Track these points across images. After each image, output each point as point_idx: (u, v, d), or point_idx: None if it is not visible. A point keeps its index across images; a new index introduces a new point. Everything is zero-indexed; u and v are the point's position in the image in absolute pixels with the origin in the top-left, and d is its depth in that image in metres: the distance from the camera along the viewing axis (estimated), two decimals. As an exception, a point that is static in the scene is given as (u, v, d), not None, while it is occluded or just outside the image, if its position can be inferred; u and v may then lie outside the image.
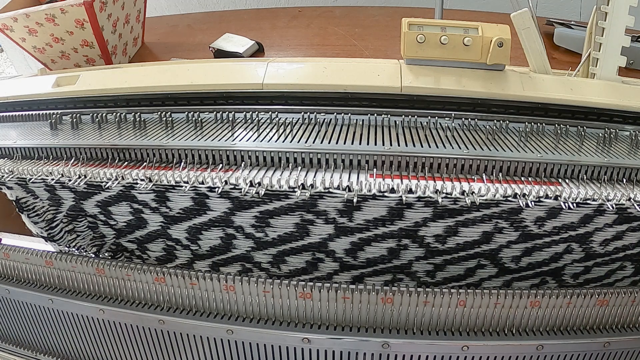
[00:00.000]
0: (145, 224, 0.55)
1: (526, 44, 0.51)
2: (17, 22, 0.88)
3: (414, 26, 0.49)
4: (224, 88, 0.54)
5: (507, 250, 0.53)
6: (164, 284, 0.48)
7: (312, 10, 1.22)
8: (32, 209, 0.60)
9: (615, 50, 0.51)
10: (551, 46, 0.89)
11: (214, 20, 1.23)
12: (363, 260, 0.54)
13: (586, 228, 0.49)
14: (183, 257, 0.58)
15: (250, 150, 0.46)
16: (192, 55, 1.04)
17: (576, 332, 0.45)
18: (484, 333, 0.45)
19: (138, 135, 0.51)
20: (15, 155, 0.54)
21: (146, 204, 0.51)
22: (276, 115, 0.51)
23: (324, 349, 0.46)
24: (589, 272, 0.55)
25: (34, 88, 0.61)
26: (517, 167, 0.44)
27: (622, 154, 0.45)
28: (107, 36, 0.94)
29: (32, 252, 0.53)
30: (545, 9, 1.17)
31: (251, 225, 0.49)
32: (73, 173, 0.47)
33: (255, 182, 0.43)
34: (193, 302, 0.48)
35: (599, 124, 0.49)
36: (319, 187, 0.41)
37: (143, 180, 0.45)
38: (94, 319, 0.52)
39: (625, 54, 0.51)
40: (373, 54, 0.98)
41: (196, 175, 0.44)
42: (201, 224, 0.52)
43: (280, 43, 1.07)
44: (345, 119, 0.51)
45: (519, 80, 0.50)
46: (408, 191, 0.41)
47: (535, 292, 0.44)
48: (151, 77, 0.58)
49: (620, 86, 0.51)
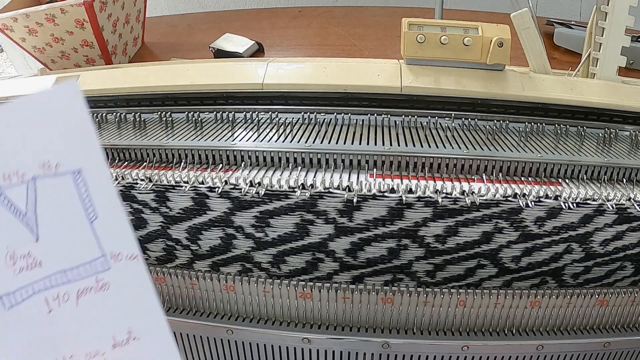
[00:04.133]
0: (145, 224, 0.55)
1: (526, 44, 0.51)
2: (17, 22, 0.88)
3: (414, 26, 0.49)
4: (224, 88, 0.54)
5: (507, 250, 0.53)
6: (164, 284, 0.48)
7: (312, 10, 1.22)
8: (32, 209, 0.60)
9: (615, 50, 0.51)
10: (551, 46, 0.89)
11: (214, 20, 1.23)
12: (363, 260, 0.54)
13: (586, 228, 0.49)
14: (183, 257, 0.58)
15: (250, 150, 0.46)
16: (192, 55, 1.03)
17: (576, 332, 0.45)
18: (484, 333, 0.45)
19: (138, 135, 0.51)
20: (15, 155, 0.54)
21: (146, 204, 0.51)
22: (276, 115, 0.51)
23: (324, 349, 0.46)
24: (589, 272, 0.55)
25: (34, 88, 0.61)
26: (517, 167, 0.44)
27: (622, 154, 0.45)
28: (107, 36, 0.94)
29: (32, 252, 0.53)
30: (545, 9, 1.17)
31: (251, 225, 0.49)
32: (73, 173, 0.47)
33: (255, 182, 0.43)
34: (193, 302, 0.48)
35: (599, 124, 0.49)
36: (319, 187, 0.41)
37: (143, 180, 0.45)
38: (94, 319, 0.52)
39: (625, 54, 0.51)
40: (373, 54, 0.98)
41: (196, 175, 0.44)
42: (201, 224, 0.52)
43: (280, 43, 1.07)
44: (345, 119, 0.51)
45: (519, 80, 0.50)
46: (408, 191, 0.42)
47: (535, 292, 0.44)
48: (151, 77, 0.58)
49: (620, 86, 0.51)
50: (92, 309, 0.30)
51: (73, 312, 0.30)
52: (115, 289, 0.30)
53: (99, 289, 0.30)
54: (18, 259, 0.29)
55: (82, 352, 0.30)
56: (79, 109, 0.29)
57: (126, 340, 0.31)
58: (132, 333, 0.31)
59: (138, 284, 0.31)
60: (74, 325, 0.30)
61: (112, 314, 0.30)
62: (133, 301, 0.31)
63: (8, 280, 0.29)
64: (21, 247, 0.29)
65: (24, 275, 0.29)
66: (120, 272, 0.30)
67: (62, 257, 0.29)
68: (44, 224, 0.29)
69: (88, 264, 0.30)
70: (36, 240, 0.29)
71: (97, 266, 0.30)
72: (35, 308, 0.29)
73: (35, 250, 0.29)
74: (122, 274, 0.30)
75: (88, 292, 0.30)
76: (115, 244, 0.30)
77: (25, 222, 0.29)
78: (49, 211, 0.29)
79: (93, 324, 0.30)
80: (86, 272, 0.30)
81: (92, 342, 0.30)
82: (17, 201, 0.29)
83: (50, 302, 0.29)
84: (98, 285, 0.30)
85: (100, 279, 0.30)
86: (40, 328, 0.30)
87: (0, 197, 0.28)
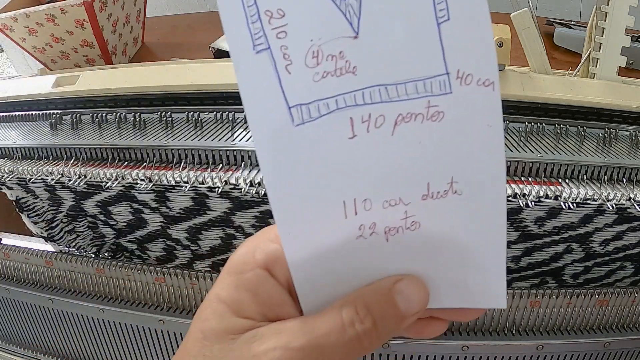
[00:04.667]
0: (145, 224, 0.55)
1: (526, 44, 0.51)
2: (17, 22, 0.88)
3: (415, 26, 0.49)
4: (224, 88, 0.54)
5: (507, 250, 0.53)
6: (164, 284, 0.48)
7: (312, 10, 1.22)
8: (32, 209, 0.60)
9: (615, 50, 0.51)
10: (551, 46, 0.89)
11: (214, 20, 1.23)
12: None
13: (586, 228, 0.49)
14: (183, 257, 0.58)
15: (250, 150, 0.46)
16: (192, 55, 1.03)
17: (576, 332, 0.45)
18: (484, 333, 0.45)
19: (138, 135, 0.51)
20: (15, 155, 0.54)
21: (146, 204, 0.51)
22: (276, 115, 0.51)
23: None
24: (589, 272, 0.55)
25: (34, 88, 0.61)
26: (517, 167, 0.44)
27: (622, 154, 0.45)
28: (107, 36, 0.94)
29: (32, 252, 0.53)
30: (545, 9, 1.17)
31: (251, 225, 0.49)
32: (73, 173, 0.47)
33: (255, 182, 0.43)
34: (193, 302, 0.48)
35: (599, 124, 0.49)
36: (319, 187, 0.41)
37: (143, 180, 0.45)
38: (94, 319, 0.52)
39: (625, 54, 0.51)
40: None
41: (196, 175, 0.44)
42: (201, 224, 0.52)
43: (280, 43, 1.07)
44: (345, 119, 0.51)
45: (519, 80, 0.50)
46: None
47: (535, 292, 0.44)
48: (151, 77, 0.58)
49: (620, 86, 0.51)
50: (410, 143, 0.22)
51: (383, 143, 0.22)
52: (450, 122, 0.22)
53: (427, 118, 0.22)
54: (324, 60, 0.21)
55: (380, 198, 0.23)
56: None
57: (444, 192, 0.23)
58: (453, 186, 0.23)
59: (484, 122, 0.22)
60: (378, 161, 0.22)
61: (435, 154, 0.22)
62: (470, 144, 0.22)
63: (305, 86, 0.21)
64: (331, 44, 0.21)
65: (328, 83, 0.21)
66: (465, 100, 0.22)
67: (386, 65, 0.21)
68: (370, 14, 0.21)
69: (421, 81, 0.21)
70: (355, 37, 0.21)
71: (433, 86, 0.21)
72: (334, 129, 0.22)
73: (352, 50, 0.21)
74: (466, 103, 0.22)
75: (411, 120, 0.22)
76: (466, 61, 0.21)
77: (343, 4, 0.21)
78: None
79: (405, 163, 0.22)
80: (415, 92, 0.21)
81: (396, 186, 0.23)
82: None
83: (356, 125, 0.22)
84: (427, 113, 0.22)
85: (433, 105, 0.22)
86: (332, 158, 0.22)
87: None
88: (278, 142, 0.22)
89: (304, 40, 0.21)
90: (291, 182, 0.23)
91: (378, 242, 0.24)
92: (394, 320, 0.24)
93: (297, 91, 0.21)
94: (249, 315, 0.25)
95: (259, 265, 0.26)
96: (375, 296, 0.24)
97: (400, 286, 0.25)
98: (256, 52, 0.21)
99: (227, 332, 0.24)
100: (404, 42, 0.21)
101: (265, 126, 0.22)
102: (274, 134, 0.22)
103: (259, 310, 0.25)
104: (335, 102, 0.22)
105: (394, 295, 0.24)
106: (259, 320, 0.25)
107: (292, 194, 0.23)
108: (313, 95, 0.21)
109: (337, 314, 0.24)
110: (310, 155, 0.22)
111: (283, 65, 0.21)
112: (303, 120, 0.22)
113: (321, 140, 0.22)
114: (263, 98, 0.21)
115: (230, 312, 0.25)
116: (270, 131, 0.22)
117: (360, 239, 0.24)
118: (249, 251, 0.26)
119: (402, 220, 0.24)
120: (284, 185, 0.23)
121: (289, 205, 0.23)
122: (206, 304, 0.26)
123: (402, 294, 0.24)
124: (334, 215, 0.23)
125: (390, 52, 0.21)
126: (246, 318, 0.25)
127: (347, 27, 0.21)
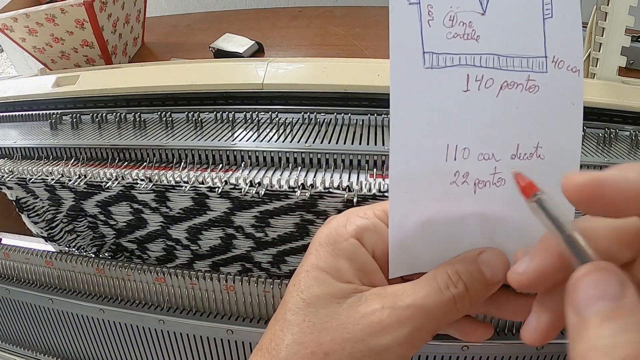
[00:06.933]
0: (145, 224, 0.55)
1: (526, 44, 0.51)
2: (17, 22, 0.88)
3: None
4: (224, 88, 0.54)
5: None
6: (164, 284, 0.48)
7: (312, 10, 1.23)
8: (32, 209, 0.60)
9: (615, 50, 0.51)
10: (551, 46, 0.89)
11: (214, 20, 1.23)
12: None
13: (586, 228, 0.49)
14: (183, 257, 0.58)
15: (250, 150, 0.46)
16: (192, 55, 1.04)
17: (576, 332, 0.45)
18: (484, 333, 0.45)
19: (138, 135, 0.51)
20: (15, 155, 0.54)
21: (146, 204, 0.51)
22: (276, 115, 0.51)
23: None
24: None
25: (34, 88, 0.61)
26: (517, 167, 0.44)
27: (622, 154, 0.45)
28: (107, 36, 0.94)
29: (32, 252, 0.53)
30: (545, 9, 1.17)
31: (251, 225, 0.49)
32: (73, 173, 0.47)
33: (255, 182, 0.43)
34: (193, 302, 0.48)
35: (599, 124, 0.49)
36: (319, 187, 0.41)
37: (143, 180, 0.45)
38: (94, 319, 0.52)
39: (625, 54, 0.51)
40: (373, 54, 0.98)
41: (196, 175, 0.44)
42: (201, 224, 0.52)
43: (280, 43, 1.07)
44: (345, 119, 0.51)
45: (519, 80, 0.50)
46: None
47: (535, 292, 0.44)
48: (151, 77, 0.58)
49: (620, 86, 0.51)
50: (510, 106, 0.28)
51: (489, 101, 0.28)
52: (543, 95, 0.28)
53: (526, 88, 0.28)
54: (457, 24, 0.27)
55: (477, 150, 0.28)
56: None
57: (529, 155, 0.28)
58: (538, 150, 0.28)
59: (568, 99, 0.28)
60: (482, 116, 0.28)
61: (527, 119, 0.28)
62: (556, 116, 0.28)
63: (439, 39, 0.27)
64: (465, 15, 0.27)
65: (456, 43, 0.27)
66: (556, 80, 0.28)
67: (501, 41, 0.27)
68: (497, 3, 0.27)
69: (525, 59, 0.28)
70: (482, 14, 0.27)
71: (534, 64, 0.28)
72: (453, 80, 0.28)
73: (478, 23, 0.27)
74: (556, 82, 0.28)
75: (514, 87, 0.28)
76: (560, 50, 0.28)
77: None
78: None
79: (503, 123, 0.28)
80: (520, 65, 0.28)
81: (492, 142, 0.28)
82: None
83: (471, 81, 0.28)
84: (526, 84, 0.28)
85: (531, 79, 0.28)
86: (446, 103, 0.28)
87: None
88: (409, 79, 0.28)
89: (446, 5, 0.27)
90: (412, 115, 0.28)
91: (467, 193, 0.28)
92: (482, 286, 0.27)
93: (432, 41, 0.27)
94: (349, 279, 0.27)
95: (352, 236, 0.28)
96: (464, 264, 0.28)
97: (484, 256, 0.28)
98: (409, 3, 0.27)
99: (333, 296, 0.27)
100: (517, 27, 0.27)
101: (403, 63, 0.28)
102: (408, 71, 0.28)
103: (357, 275, 0.28)
104: (458, 58, 0.27)
105: (479, 264, 0.28)
106: (359, 284, 0.27)
107: (409, 127, 0.28)
108: (443, 48, 0.27)
109: (433, 280, 0.27)
110: (431, 97, 0.28)
111: (426, 19, 0.27)
112: (432, 65, 0.27)
113: (442, 86, 0.27)
114: (405, 39, 0.28)
115: (331, 278, 0.27)
116: (405, 68, 0.28)
117: (452, 185, 0.28)
118: (340, 224, 0.29)
119: (490, 175, 0.28)
120: (406, 116, 0.28)
121: (405, 137, 0.28)
122: (303, 275, 0.28)
123: (487, 263, 0.28)
124: (437, 155, 0.28)
125: (507, 31, 0.27)
126: (348, 282, 0.27)
127: (478, 6, 0.27)
